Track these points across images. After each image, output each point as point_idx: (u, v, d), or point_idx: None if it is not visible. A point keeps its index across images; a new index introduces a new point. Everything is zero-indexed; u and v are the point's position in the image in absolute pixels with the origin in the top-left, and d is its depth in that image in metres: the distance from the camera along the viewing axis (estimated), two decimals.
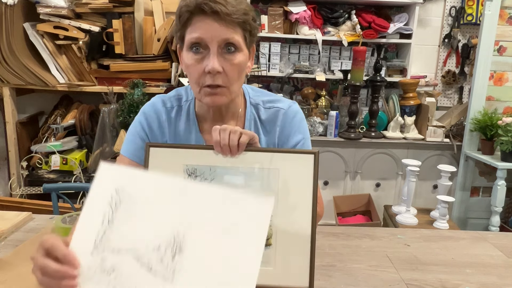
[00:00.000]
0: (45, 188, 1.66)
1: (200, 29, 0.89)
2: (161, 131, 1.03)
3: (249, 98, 1.06)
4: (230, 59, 0.91)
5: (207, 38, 0.89)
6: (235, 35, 0.90)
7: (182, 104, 1.06)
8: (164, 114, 1.04)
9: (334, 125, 2.76)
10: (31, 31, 2.44)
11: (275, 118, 1.04)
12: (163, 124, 1.04)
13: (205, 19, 0.88)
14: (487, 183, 2.85)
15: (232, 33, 0.89)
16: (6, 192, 2.65)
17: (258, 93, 1.08)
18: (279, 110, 1.04)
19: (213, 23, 0.88)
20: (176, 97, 1.07)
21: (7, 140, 2.57)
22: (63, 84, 2.52)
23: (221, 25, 0.88)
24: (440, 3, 3.08)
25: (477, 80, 2.69)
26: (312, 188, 0.85)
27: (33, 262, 0.67)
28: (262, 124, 1.05)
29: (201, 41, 0.89)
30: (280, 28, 2.88)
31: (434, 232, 1.21)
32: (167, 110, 1.04)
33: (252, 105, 1.05)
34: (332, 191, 2.88)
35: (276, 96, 1.09)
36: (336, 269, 0.95)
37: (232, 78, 0.92)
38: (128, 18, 2.48)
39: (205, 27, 0.88)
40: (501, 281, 0.93)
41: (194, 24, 0.90)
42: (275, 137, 1.04)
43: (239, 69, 0.93)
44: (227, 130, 0.84)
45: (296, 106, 1.07)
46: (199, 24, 0.89)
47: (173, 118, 1.04)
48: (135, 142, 1.02)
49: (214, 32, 0.88)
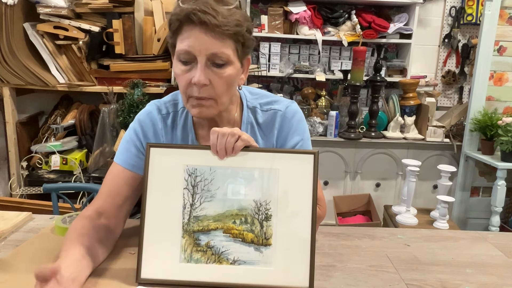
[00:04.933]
0: (45, 188, 1.66)
1: (188, 39, 0.86)
2: (156, 139, 1.01)
3: (246, 102, 1.04)
4: (218, 73, 0.88)
5: (195, 50, 0.86)
6: (224, 49, 0.87)
7: (179, 110, 1.04)
8: (160, 122, 1.02)
9: (334, 125, 2.76)
10: (31, 31, 2.44)
11: (273, 120, 1.02)
12: (159, 132, 1.02)
13: (193, 29, 0.85)
14: (487, 183, 2.85)
15: (221, 46, 0.86)
16: (6, 192, 2.65)
17: (255, 96, 1.06)
18: (277, 112, 1.03)
19: (201, 34, 0.85)
20: (171, 103, 1.04)
21: (7, 140, 2.57)
22: (63, 84, 2.52)
23: (210, 37, 0.85)
24: (440, 3, 3.08)
25: (477, 80, 2.69)
26: (312, 188, 0.85)
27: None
28: (260, 127, 1.04)
29: (189, 53, 0.87)
30: (280, 28, 2.88)
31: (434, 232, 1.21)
32: (163, 117, 1.02)
33: (249, 109, 1.04)
34: (332, 191, 2.88)
35: (275, 97, 1.07)
36: (336, 269, 0.95)
37: (220, 91, 0.90)
38: (128, 18, 2.48)
39: (193, 38, 0.85)
40: (501, 281, 0.93)
41: (183, 33, 0.87)
42: (273, 140, 1.03)
43: (228, 82, 0.91)
44: (225, 135, 0.84)
45: (294, 106, 1.05)
46: (188, 34, 0.86)
47: (170, 126, 1.02)
48: (129, 150, 1.00)
49: (202, 44, 0.85)
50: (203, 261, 0.84)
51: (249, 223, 0.85)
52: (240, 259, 0.84)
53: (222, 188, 0.86)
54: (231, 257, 0.84)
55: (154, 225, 0.86)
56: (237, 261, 0.84)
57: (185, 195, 0.86)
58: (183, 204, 0.86)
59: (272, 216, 0.85)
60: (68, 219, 1.09)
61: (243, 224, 0.85)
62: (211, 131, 0.85)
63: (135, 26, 2.52)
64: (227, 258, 0.84)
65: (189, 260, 0.84)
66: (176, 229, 0.85)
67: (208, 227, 0.85)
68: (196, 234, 0.85)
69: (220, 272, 0.84)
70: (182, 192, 0.86)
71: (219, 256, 0.84)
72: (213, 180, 0.86)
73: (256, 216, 0.85)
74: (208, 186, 0.86)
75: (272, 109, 1.03)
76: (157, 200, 0.86)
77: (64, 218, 1.10)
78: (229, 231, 0.85)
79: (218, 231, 0.85)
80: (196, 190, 0.86)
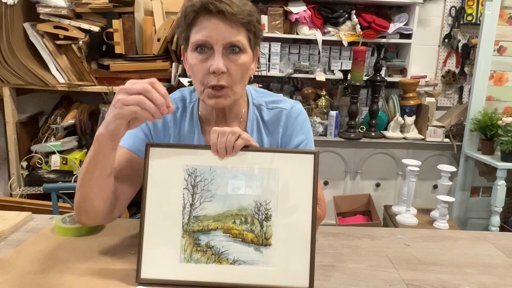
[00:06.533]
0: (45, 188, 1.66)
1: (205, 29, 0.89)
2: (165, 130, 1.04)
3: (252, 99, 1.07)
4: (234, 60, 0.92)
5: (212, 39, 0.89)
6: (239, 37, 0.91)
7: (187, 105, 1.07)
8: (170, 115, 1.04)
9: (334, 125, 2.76)
10: (31, 31, 2.44)
11: (278, 118, 1.05)
12: (168, 124, 1.05)
13: (210, 19, 0.89)
14: (487, 183, 2.85)
15: (236, 34, 0.90)
16: (6, 192, 2.65)
17: (261, 94, 1.09)
18: (282, 110, 1.05)
19: (218, 22, 0.89)
20: (180, 98, 1.08)
21: (7, 140, 2.56)
22: (63, 84, 2.51)
23: (226, 25, 0.89)
24: (440, 3, 3.08)
25: (477, 80, 2.69)
26: (312, 188, 0.85)
27: (131, 86, 0.77)
28: (265, 124, 1.06)
29: (206, 42, 0.90)
30: (280, 28, 2.88)
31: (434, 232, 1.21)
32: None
33: (254, 106, 1.06)
34: (332, 191, 2.88)
35: (279, 96, 1.10)
36: (336, 269, 0.95)
37: (235, 79, 0.93)
38: (128, 18, 2.48)
39: (211, 27, 0.89)
40: (501, 281, 0.93)
41: (199, 24, 0.90)
42: (278, 138, 1.05)
43: (243, 70, 0.94)
44: (225, 134, 0.84)
45: (299, 106, 1.08)
46: (205, 24, 0.89)
47: (178, 119, 1.05)
48: (137, 136, 1.02)
49: (219, 33, 0.89)
50: (203, 261, 0.84)
51: (249, 223, 0.85)
52: (240, 259, 0.84)
53: (222, 188, 0.86)
54: (231, 257, 0.84)
55: (154, 225, 0.86)
56: (237, 261, 0.84)
57: (185, 195, 0.86)
58: (183, 204, 0.86)
59: (272, 216, 0.85)
60: (68, 219, 1.09)
61: (243, 224, 0.85)
62: (212, 131, 0.86)
63: (135, 26, 2.52)
64: (227, 258, 0.84)
65: (189, 260, 0.84)
66: (176, 229, 0.85)
67: (208, 227, 0.85)
68: (196, 234, 0.85)
69: (220, 272, 0.84)
70: (182, 192, 0.86)
71: (219, 256, 0.84)
72: (213, 180, 0.86)
73: (256, 216, 0.85)
74: (208, 186, 0.86)
75: (277, 108, 1.06)
76: (157, 200, 0.86)
77: (64, 218, 1.10)
78: (229, 231, 0.85)
79: (218, 231, 0.85)
80: (196, 190, 0.86)
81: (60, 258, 0.93)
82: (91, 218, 0.92)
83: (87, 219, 0.92)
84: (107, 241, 1.02)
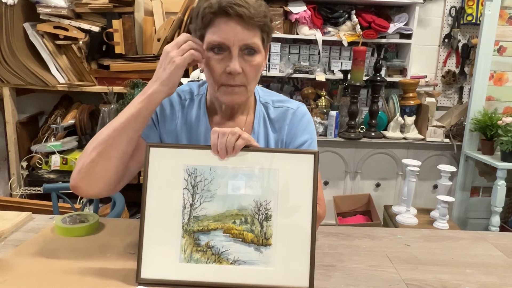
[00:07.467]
0: (45, 188, 1.66)
1: (222, 31, 0.91)
2: (172, 116, 1.07)
3: (259, 97, 1.10)
4: (249, 61, 0.95)
5: (229, 41, 0.91)
6: (255, 39, 0.93)
7: (194, 98, 1.10)
8: (178, 104, 1.08)
9: (334, 125, 2.76)
10: (31, 31, 2.44)
11: (284, 116, 1.08)
12: (176, 113, 1.07)
13: (228, 22, 0.90)
14: (487, 183, 2.85)
15: (252, 36, 0.92)
16: (6, 192, 2.65)
17: (267, 93, 1.13)
18: (288, 109, 1.08)
19: (236, 25, 0.90)
20: (188, 91, 1.11)
21: (7, 140, 2.56)
22: (63, 84, 2.51)
23: (243, 28, 0.91)
24: (440, 3, 3.08)
25: (477, 80, 2.69)
26: (312, 188, 0.85)
27: (176, 41, 0.91)
28: (271, 122, 1.09)
29: (223, 44, 0.92)
30: (280, 28, 2.88)
31: (434, 232, 1.20)
32: (181, 101, 1.09)
33: (261, 104, 1.09)
34: (332, 191, 2.88)
35: (285, 97, 1.14)
36: (336, 269, 0.95)
37: (250, 78, 0.96)
38: (128, 18, 2.48)
39: (228, 30, 0.91)
40: (501, 281, 0.93)
41: (216, 25, 0.92)
42: (283, 135, 1.08)
43: (257, 69, 0.97)
44: (225, 134, 0.85)
45: (304, 108, 1.11)
46: (222, 26, 0.91)
47: (186, 110, 1.08)
48: None
49: (236, 36, 0.91)
50: (203, 261, 0.84)
51: (249, 223, 0.85)
52: (240, 259, 0.84)
53: (222, 188, 0.86)
54: (231, 257, 0.84)
55: (154, 225, 0.86)
56: (237, 261, 0.84)
57: (185, 195, 0.86)
58: (183, 204, 0.86)
59: (272, 216, 0.85)
60: (68, 219, 1.09)
61: (243, 224, 0.85)
62: (212, 131, 0.86)
63: (135, 26, 2.52)
64: (227, 258, 0.84)
65: (189, 260, 0.84)
66: (176, 229, 0.85)
67: (208, 227, 0.85)
68: (196, 234, 0.85)
69: (220, 272, 0.84)
70: (182, 192, 0.86)
71: (219, 256, 0.84)
72: (213, 180, 0.86)
73: (256, 216, 0.85)
74: (208, 186, 0.86)
75: (284, 106, 1.09)
76: (157, 200, 0.86)
77: (64, 218, 1.10)
78: (229, 231, 0.85)
79: (218, 231, 0.85)
80: (196, 190, 0.86)
81: (60, 258, 0.93)
82: (91, 185, 0.91)
83: (87, 186, 0.91)
84: (107, 241, 1.02)
